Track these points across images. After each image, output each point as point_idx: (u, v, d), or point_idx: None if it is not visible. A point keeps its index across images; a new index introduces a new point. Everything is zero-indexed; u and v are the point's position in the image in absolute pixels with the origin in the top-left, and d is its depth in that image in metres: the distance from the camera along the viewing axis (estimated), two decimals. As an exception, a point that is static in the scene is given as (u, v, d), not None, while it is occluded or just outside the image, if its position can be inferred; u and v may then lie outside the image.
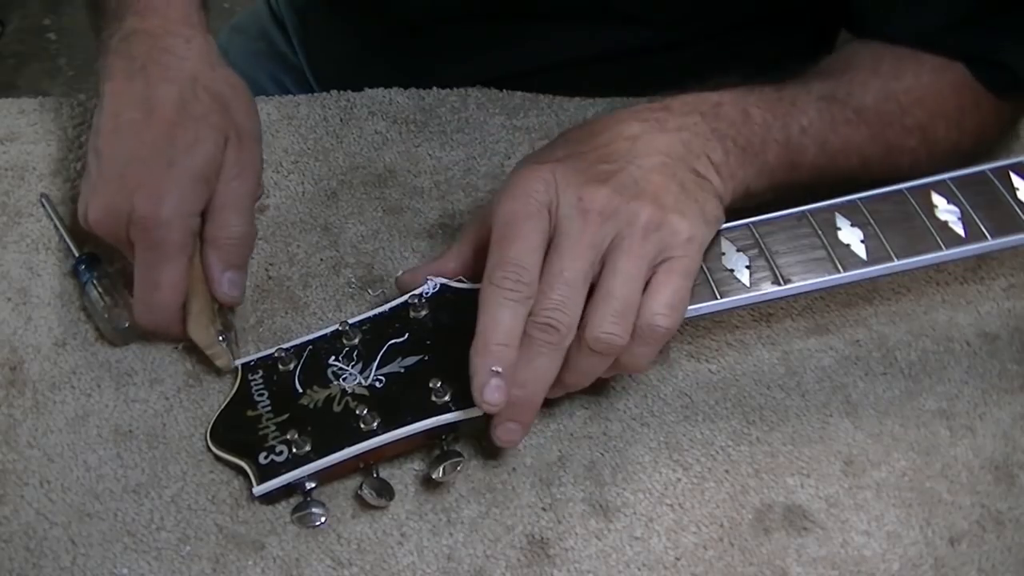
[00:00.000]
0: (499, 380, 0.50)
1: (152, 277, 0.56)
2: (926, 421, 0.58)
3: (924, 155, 0.63)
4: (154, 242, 0.55)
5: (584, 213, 0.51)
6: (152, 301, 0.56)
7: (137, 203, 0.55)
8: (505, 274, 0.50)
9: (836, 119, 0.60)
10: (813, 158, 0.59)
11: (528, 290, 0.50)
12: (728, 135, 0.56)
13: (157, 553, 0.52)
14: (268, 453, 0.53)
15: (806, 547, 0.53)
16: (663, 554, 0.53)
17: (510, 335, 0.50)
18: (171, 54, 0.59)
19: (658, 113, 0.56)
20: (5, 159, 0.69)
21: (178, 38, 0.59)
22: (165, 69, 0.58)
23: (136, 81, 0.58)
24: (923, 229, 0.55)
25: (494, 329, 0.50)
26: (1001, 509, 0.55)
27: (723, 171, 0.55)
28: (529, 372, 0.51)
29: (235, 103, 0.59)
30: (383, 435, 0.52)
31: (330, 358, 0.55)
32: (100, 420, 0.57)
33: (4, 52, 2.04)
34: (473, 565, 0.52)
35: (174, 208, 0.55)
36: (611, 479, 0.55)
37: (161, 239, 0.55)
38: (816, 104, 0.60)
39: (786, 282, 0.54)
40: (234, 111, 0.59)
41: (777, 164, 0.58)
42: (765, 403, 0.58)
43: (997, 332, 0.61)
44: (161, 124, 0.56)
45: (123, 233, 0.56)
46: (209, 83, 0.59)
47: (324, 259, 0.64)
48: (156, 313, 0.57)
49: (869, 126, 0.61)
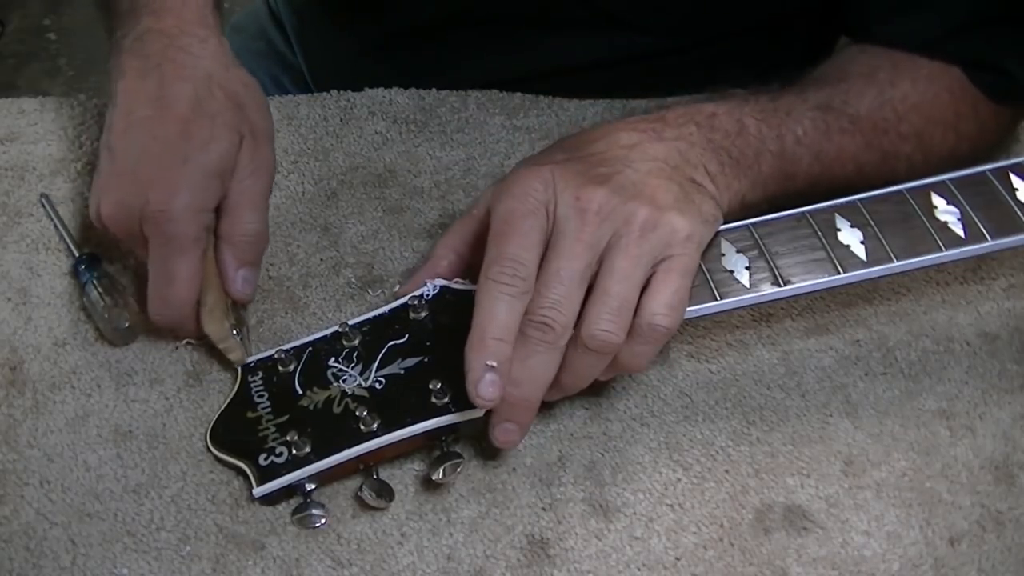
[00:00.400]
0: (493, 375, 0.50)
1: (166, 271, 0.55)
2: (926, 421, 0.58)
3: (920, 161, 0.63)
4: (168, 237, 0.55)
5: (582, 213, 0.51)
6: (167, 295, 0.56)
7: (151, 198, 0.54)
8: (502, 269, 0.50)
9: (831, 128, 0.60)
10: (808, 167, 0.60)
11: (525, 285, 0.50)
12: (723, 147, 0.57)
13: (157, 553, 0.52)
14: (268, 454, 0.53)
15: (806, 547, 0.53)
16: (663, 554, 0.53)
17: (506, 330, 0.50)
18: (186, 53, 0.59)
19: (654, 124, 0.56)
20: (5, 159, 0.69)
21: (193, 38, 0.59)
22: (180, 68, 0.58)
23: (150, 79, 0.58)
24: (923, 230, 0.55)
25: (490, 323, 0.50)
26: (1001, 509, 0.55)
27: (719, 182, 0.56)
28: (525, 371, 0.51)
29: (249, 102, 0.60)
30: (383, 436, 0.52)
31: (330, 359, 0.55)
32: (100, 420, 0.57)
33: (4, 52, 2.04)
34: (473, 565, 0.52)
35: (188, 203, 0.55)
36: (611, 479, 0.55)
37: (175, 233, 0.55)
38: (811, 113, 0.60)
39: (786, 283, 0.54)
40: (249, 110, 0.59)
41: (771, 174, 0.58)
42: (765, 403, 0.58)
43: (997, 332, 0.61)
44: (175, 121, 0.56)
45: (136, 228, 0.55)
46: (224, 82, 0.59)
47: (324, 259, 0.64)
48: (171, 308, 0.56)
49: (864, 134, 0.61)
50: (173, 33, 0.59)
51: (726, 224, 0.56)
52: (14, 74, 2.00)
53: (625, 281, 0.51)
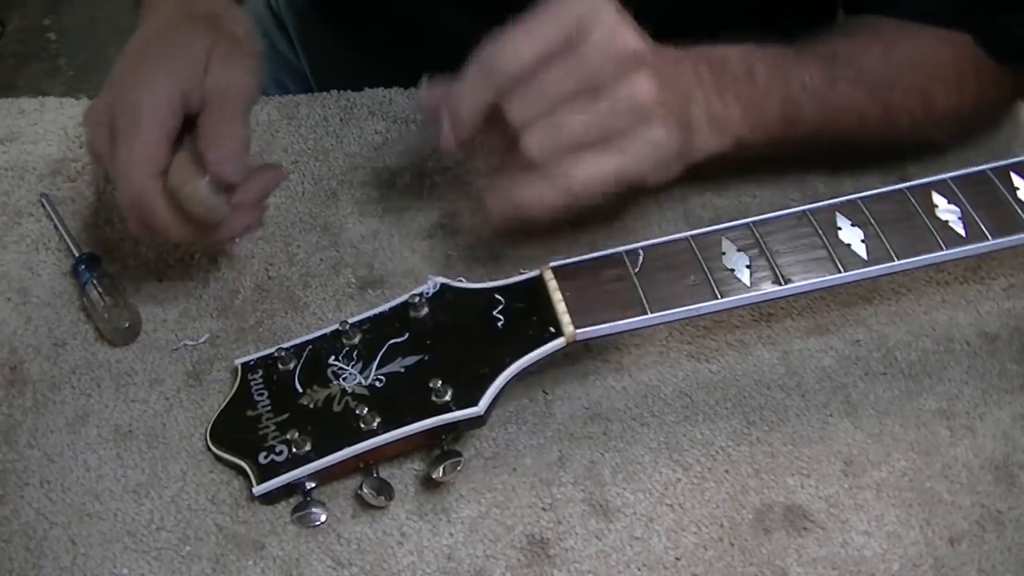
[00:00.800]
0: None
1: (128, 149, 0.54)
2: (926, 421, 0.58)
3: (923, 117, 0.64)
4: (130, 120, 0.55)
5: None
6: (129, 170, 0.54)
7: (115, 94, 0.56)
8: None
9: (836, 77, 0.62)
10: (812, 115, 0.61)
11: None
12: (731, 89, 0.58)
13: (157, 553, 0.52)
14: (268, 453, 0.53)
15: (806, 547, 0.53)
16: (663, 554, 0.53)
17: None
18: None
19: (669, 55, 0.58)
20: (5, 159, 0.69)
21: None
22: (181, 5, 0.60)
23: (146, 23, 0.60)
24: (924, 229, 0.55)
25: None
26: (1001, 509, 0.55)
27: (717, 123, 0.58)
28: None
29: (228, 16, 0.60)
30: (383, 435, 0.52)
31: (330, 358, 0.55)
32: (100, 420, 0.57)
33: (4, 52, 2.04)
34: (473, 565, 0.52)
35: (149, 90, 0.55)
36: (611, 479, 0.55)
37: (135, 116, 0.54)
38: (818, 63, 0.61)
39: (786, 282, 0.54)
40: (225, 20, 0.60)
41: (775, 120, 0.60)
42: (765, 403, 0.58)
43: (997, 332, 0.61)
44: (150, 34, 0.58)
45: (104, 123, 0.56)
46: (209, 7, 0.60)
47: (324, 259, 0.64)
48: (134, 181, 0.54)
49: (868, 87, 0.62)
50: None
51: (726, 223, 0.56)
52: (14, 74, 2.00)
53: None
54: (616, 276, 0.55)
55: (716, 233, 0.56)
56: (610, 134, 0.53)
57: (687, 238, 0.56)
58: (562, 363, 0.59)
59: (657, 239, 0.56)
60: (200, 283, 0.63)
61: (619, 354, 0.60)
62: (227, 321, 0.61)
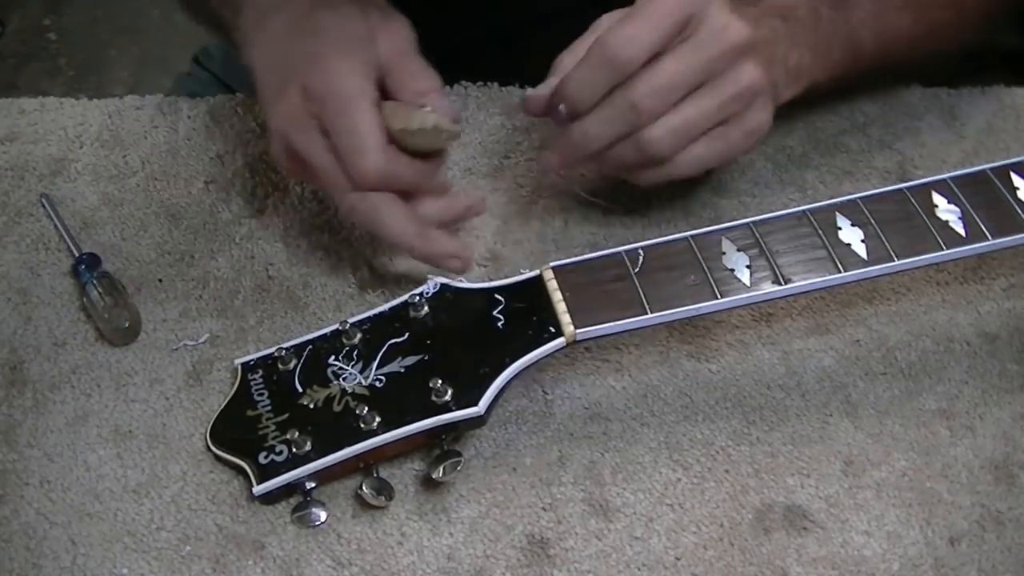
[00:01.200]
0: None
1: (353, 134, 0.55)
2: (926, 421, 0.58)
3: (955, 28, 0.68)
4: (340, 109, 0.55)
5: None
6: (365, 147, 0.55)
7: (302, 93, 0.56)
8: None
9: (885, 8, 0.64)
10: (871, 48, 0.64)
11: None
12: (802, 39, 0.61)
13: (157, 553, 0.52)
14: (268, 453, 0.53)
15: (806, 547, 0.53)
16: (663, 554, 0.53)
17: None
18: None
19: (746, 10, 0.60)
20: (5, 159, 0.69)
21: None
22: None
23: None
24: (924, 229, 0.55)
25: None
26: (1001, 509, 0.55)
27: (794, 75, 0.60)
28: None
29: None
30: (383, 435, 0.52)
31: (330, 357, 0.55)
32: (100, 420, 0.57)
33: (4, 52, 2.04)
34: (473, 565, 0.52)
35: (344, 76, 0.56)
36: (611, 479, 0.55)
37: (344, 104, 0.55)
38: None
39: (786, 282, 0.54)
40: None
41: (842, 60, 0.63)
42: (765, 403, 0.58)
43: (997, 332, 0.61)
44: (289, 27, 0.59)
45: (310, 122, 0.56)
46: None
47: (324, 259, 0.64)
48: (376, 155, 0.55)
49: (912, 10, 0.66)
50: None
51: (726, 223, 0.56)
52: (14, 74, 2.00)
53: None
54: (616, 276, 0.55)
55: (716, 233, 0.56)
56: (722, 121, 0.57)
57: (687, 238, 0.56)
58: (562, 363, 0.59)
59: (657, 239, 0.56)
60: (200, 283, 0.63)
61: (619, 354, 0.60)
62: (227, 321, 0.61)
